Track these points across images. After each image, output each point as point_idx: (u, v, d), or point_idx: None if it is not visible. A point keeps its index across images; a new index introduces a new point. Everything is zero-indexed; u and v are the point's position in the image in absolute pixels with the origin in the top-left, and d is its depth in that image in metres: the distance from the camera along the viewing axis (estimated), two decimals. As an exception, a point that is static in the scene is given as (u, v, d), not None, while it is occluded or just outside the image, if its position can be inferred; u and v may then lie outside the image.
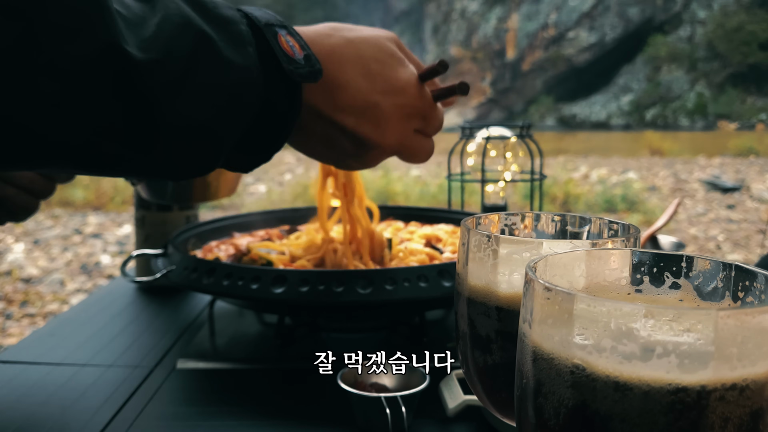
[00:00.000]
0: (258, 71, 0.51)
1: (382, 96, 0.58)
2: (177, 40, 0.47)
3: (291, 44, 0.53)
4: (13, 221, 0.68)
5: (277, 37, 0.52)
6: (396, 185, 6.36)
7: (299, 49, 0.53)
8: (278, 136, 0.55)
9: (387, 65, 0.58)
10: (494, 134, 1.07)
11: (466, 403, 0.55)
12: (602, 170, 8.31)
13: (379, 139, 0.59)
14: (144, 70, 0.44)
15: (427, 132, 0.63)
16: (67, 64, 0.42)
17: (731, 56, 20.89)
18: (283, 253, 0.79)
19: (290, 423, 0.57)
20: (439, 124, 0.63)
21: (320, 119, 0.57)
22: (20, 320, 3.06)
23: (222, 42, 0.49)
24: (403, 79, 0.59)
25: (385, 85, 0.58)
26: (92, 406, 0.60)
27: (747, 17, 20.65)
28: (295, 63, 0.52)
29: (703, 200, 6.50)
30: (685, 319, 0.22)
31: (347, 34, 0.58)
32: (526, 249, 0.34)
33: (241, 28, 0.51)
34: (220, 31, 0.49)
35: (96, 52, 0.42)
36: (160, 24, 0.46)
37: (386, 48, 0.59)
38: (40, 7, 0.41)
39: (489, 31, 24.62)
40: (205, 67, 0.48)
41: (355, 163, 0.62)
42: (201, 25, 0.48)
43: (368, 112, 0.57)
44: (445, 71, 0.61)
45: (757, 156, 10.52)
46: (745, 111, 20.82)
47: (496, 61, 24.23)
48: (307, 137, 0.59)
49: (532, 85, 23.89)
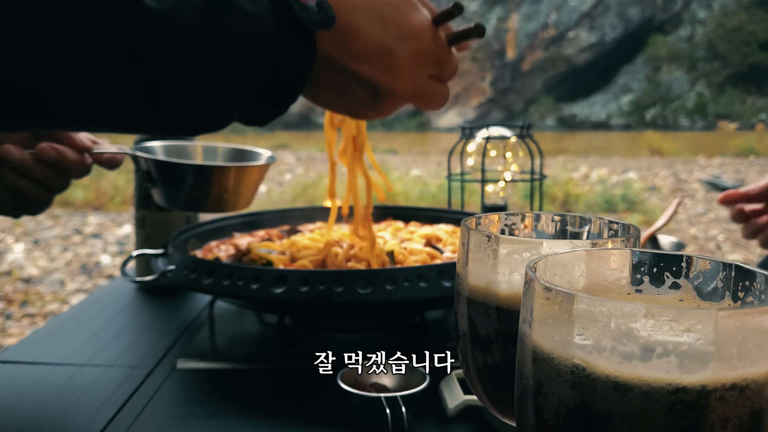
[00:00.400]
0: (271, 19, 0.50)
1: (396, 41, 0.56)
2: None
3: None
4: (28, 214, 0.69)
5: None
6: (396, 185, 6.36)
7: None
8: (293, 86, 0.54)
9: (400, 10, 0.57)
10: (494, 134, 1.07)
11: (466, 403, 0.55)
12: (602, 170, 8.31)
13: (394, 85, 0.58)
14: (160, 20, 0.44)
15: (442, 77, 0.62)
16: (88, 23, 0.42)
17: (731, 56, 20.88)
18: (283, 253, 0.79)
19: (290, 423, 0.57)
20: (454, 68, 0.62)
21: (334, 67, 0.56)
22: (20, 320, 3.06)
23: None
24: (416, 23, 0.58)
25: (399, 30, 0.57)
26: (92, 406, 0.60)
27: (747, 17, 20.65)
28: (308, 10, 0.52)
29: (703, 200, 6.50)
30: (685, 319, 0.22)
31: None
32: (526, 249, 0.34)
33: None
34: None
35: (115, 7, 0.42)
36: None
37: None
38: None
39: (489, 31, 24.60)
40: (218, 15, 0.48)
41: (370, 111, 0.60)
42: None
43: (382, 58, 0.56)
44: (460, 14, 0.60)
45: (757, 156, 10.53)
46: (745, 111, 20.82)
47: (496, 61, 24.22)
48: (320, 86, 0.58)
49: (532, 85, 23.89)
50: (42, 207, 0.69)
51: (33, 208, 0.68)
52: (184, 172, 0.78)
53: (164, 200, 0.81)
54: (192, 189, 0.78)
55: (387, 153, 10.79)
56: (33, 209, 0.68)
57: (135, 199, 0.95)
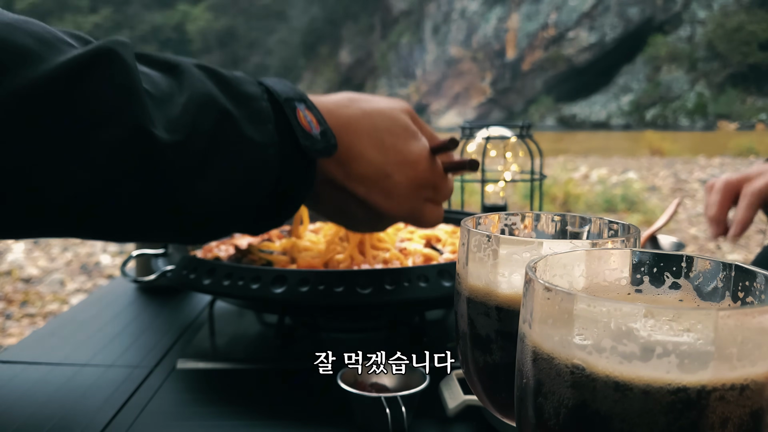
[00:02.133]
0: (276, 148, 0.53)
1: (394, 168, 0.59)
2: (201, 118, 0.49)
3: (309, 119, 0.55)
4: None
5: (296, 112, 0.54)
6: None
7: (316, 124, 0.55)
8: (290, 206, 0.57)
9: (401, 138, 0.60)
10: (494, 134, 1.07)
11: (466, 403, 0.55)
12: (602, 170, 8.31)
13: (390, 208, 0.61)
14: (169, 153, 0.46)
15: (437, 200, 0.65)
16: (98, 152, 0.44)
17: (731, 56, 20.88)
18: (283, 254, 0.79)
19: (290, 423, 0.57)
20: (448, 192, 0.65)
21: (334, 187, 0.59)
22: (20, 320, 3.06)
23: (243, 120, 0.51)
24: (415, 152, 0.60)
25: (398, 157, 0.60)
26: (92, 406, 0.60)
27: (747, 17, 20.64)
28: (312, 139, 0.54)
29: (703, 200, 6.49)
30: (685, 319, 0.22)
31: (363, 106, 0.60)
32: (526, 249, 0.34)
33: (262, 105, 0.53)
34: (242, 108, 0.51)
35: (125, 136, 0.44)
36: (186, 103, 0.48)
37: (400, 121, 0.61)
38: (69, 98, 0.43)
39: (489, 31, 24.60)
40: (225, 145, 0.50)
41: (365, 228, 0.65)
42: (224, 103, 0.50)
43: (380, 182, 0.59)
44: (455, 147, 0.64)
45: (757, 156, 10.53)
46: (745, 111, 20.82)
47: (496, 61, 24.21)
48: (320, 203, 0.61)
49: (532, 85, 23.88)
50: None
51: None
52: None
53: None
54: None
55: (387, 153, 10.77)
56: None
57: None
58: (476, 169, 0.66)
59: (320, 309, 0.69)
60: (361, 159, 0.58)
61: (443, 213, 0.66)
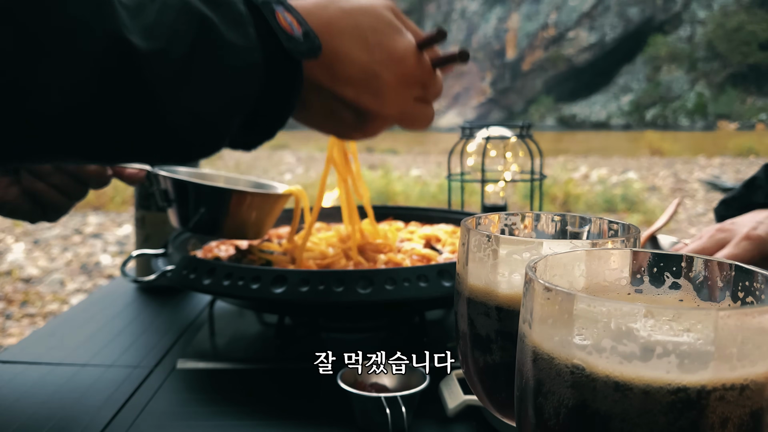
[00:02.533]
0: (259, 52, 0.50)
1: (381, 66, 0.57)
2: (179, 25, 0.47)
3: (289, 21, 0.53)
4: (45, 220, 0.68)
5: (275, 14, 0.52)
6: (396, 185, 6.36)
7: (297, 26, 0.53)
8: (281, 114, 0.55)
9: (385, 35, 0.58)
10: (494, 134, 1.07)
11: (466, 403, 0.55)
12: (602, 170, 8.31)
13: (380, 108, 0.59)
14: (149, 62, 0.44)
15: (427, 99, 0.63)
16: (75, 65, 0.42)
17: (731, 56, 20.88)
18: (284, 254, 0.79)
19: (290, 423, 0.57)
20: (438, 90, 0.63)
21: (320, 92, 0.57)
22: (20, 320, 3.06)
23: (223, 24, 0.49)
24: (401, 48, 0.59)
25: (384, 55, 0.58)
26: (92, 406, 0.60)
27: (747, 17, 20.64)
28: (295, 41, 0.52)
29: (703, 200, 6.50)
30: (685, 319, 0.22)
31: (343, 5, 0.58)
32: (526, 249, 0.34)
33: (239, 8, 0.50)
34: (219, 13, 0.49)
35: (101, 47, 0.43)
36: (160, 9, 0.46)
37: (383, 17, 0.59)
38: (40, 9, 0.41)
39: (489, 31, 24.60)
40: (208, 52, 0.48)
41: (356, 133, 0.62)
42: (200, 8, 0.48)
43: (368, 82, 0.57)
44: (444, 39, 0.61)
45: (757, 156, 10.52)
46: (745, 111, 20.82)
47: (496, 61, 24.21)
48: (307, 110, 0.59)
49: (532, 85, 23.88)
50: (59, 213, 0.68)
51: (50, 214, 0.68)
52: (201, 193, 0.78)
53: (179, 221, 0.81)
54: (207, 211, 0.78)
55: (387, 153, 10.79)
56: (50, 215, 0.68)
57: (135, 199, 0.95)
58: (467, 60, 0.62)
59: (320, 309, 0.69)
60: (347, 59, 0.56)
61: (433, 113, 0.65)
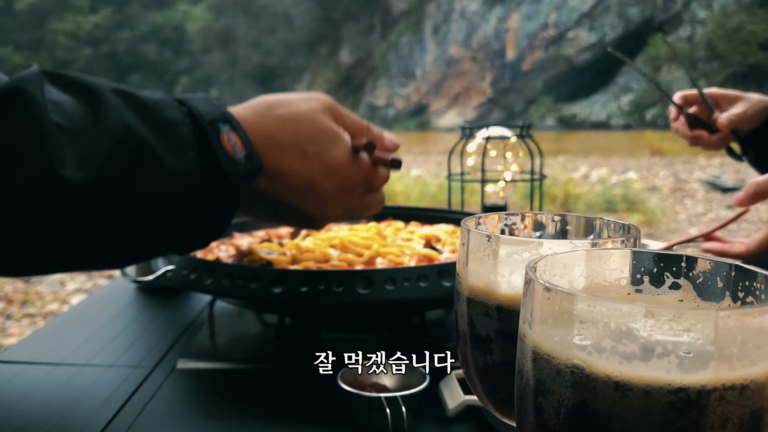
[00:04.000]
0: (198, 177, 0.52)
1: (320, 176, 0.60)
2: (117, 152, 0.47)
3: (233, 142, 0.54)
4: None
5: (220, 135, 0.53)
6: (396, 185, 6.36)
7: (241, 147, 0.55)
8: (215, 230, 0.57)
9: (322, 144, 0.60)
10: (494, 134, 1.07)
11: (466, 403, 0.55)
12: (602, 170, 8.31)
13: (324, 213, 0.62)
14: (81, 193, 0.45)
15: (373, 189, 0.65)
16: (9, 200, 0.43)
17: (731, 56, 20.87)
18: (284, 254, 0.79)
19: (290, 423, 0.57)
20: (383, 180, 0.66)
21: (266, 200, 0.60)
22: (20, 320, 3.06)
23: (164, 149, 0.49)
24: (338, 158, 0.61)
25: (322, 165, 0.60)
26: (92, 406, 0.60)
27: (747, 17, 20.63)
28: (236, 164, 0.54)
29: (703, 200, 6.50)
30: (685, 319, 0.22)
31: (281, 112, 0.60)
32: (526, 249, 0.34)
33: (183, 131, 0.51)
34: (162, 136, 0.50)
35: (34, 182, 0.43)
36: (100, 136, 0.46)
37: (319, 125, 0.61)
38: None
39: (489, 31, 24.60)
40: (144, 179, 0.49)
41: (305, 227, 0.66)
42: (143, 133, 0.49)
43: (310, 191, 0.60)
44: (373, 151, 0.64)
45: (757, 156, 10.48)
46: (745, 111, 20.73)
47: (496, 61, 24.22)
48: (256, 212, 0.63)
49: (532, 85, 23.89)
50: None
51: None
52: None
53: None
54: None
55: (387, 153, 10.76)
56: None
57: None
58: (399, 167, 0.65)
59: (320, 309, 0.69)
60: (287, 172, 0.59)
61: (383, 197, 0.67)
